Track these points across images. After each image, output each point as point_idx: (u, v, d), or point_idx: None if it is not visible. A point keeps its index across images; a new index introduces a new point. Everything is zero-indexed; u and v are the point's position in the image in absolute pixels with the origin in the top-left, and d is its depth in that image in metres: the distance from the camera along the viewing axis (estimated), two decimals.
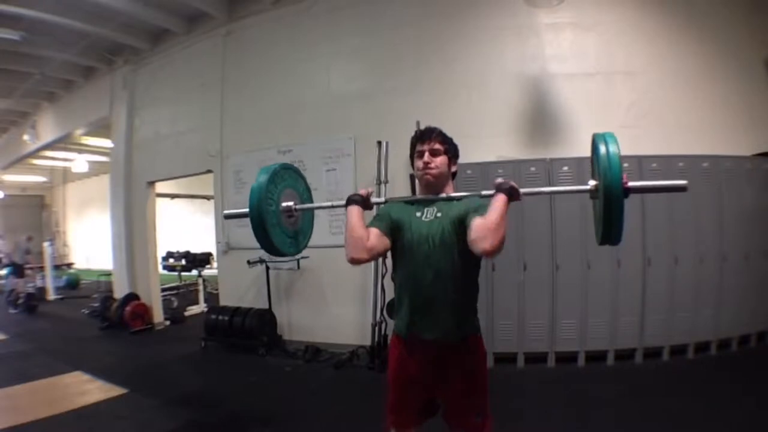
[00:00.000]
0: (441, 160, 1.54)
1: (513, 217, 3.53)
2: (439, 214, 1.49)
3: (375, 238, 1.45)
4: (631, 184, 1.24)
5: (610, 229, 1.26)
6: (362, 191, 1.54)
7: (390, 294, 1.58)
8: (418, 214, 1.52)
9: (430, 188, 1.56)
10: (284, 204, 1.65)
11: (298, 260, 4.41)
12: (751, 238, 3.59)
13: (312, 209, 1.88)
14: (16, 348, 4.87)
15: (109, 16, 4.99)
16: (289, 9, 4.67)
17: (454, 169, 1.62)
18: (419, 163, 1.54)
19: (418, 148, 1.56)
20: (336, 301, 4.28)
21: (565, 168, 3.51)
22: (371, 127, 4.21)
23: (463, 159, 4.04)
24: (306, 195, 1.87)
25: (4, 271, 10.12)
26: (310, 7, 4.56)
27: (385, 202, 1.69)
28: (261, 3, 4.78)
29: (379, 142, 4.03)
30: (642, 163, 3.47)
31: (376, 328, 3.79)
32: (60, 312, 7.16)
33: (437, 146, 1.54)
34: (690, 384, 3.05)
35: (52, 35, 5.23)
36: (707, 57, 3.92)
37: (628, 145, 3.86)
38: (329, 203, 1.78)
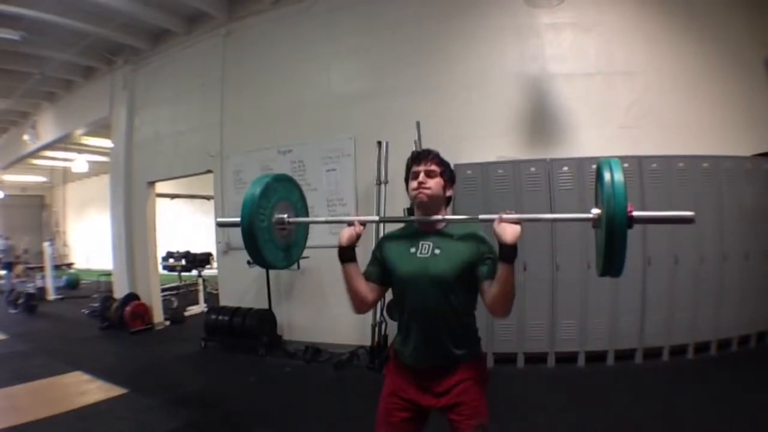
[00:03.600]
0: (436, 182, 1.46)
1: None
2: (437, 251, 1.43)
3: (373, 293, 1.51)
4: (635, 213, 1.20)
5: (611, 261, 1.22)
6: (348, 235, 1.46)
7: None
8: (413, 250, 1.46)
9: (422, 210, 1.47)
10: (277, 216, 1.59)
11: (298, 260, 4.41)
12: (751, 238, 3.59)
13: (306, 223, 1.82)
14: (16, 348, 4.87)
15: (109, 16, 4.99)
16: (289, 9, 4.67)
17: (449, 193, 1.52)
18: (414, 183, 1.46)
19: (414, 168, 1.49)
20: (336, 302, 4.27)
21: (565, 168, 3.51)
22: (371, 127, 4.21)
23: (463, 159, 4.06)
24: (300, 205, 1.78)
25: (3, 271, 10.15)
26: (310, 7, 4.56)
27: (380, 223, 1.67)
28: (261, 3, 4.78)
29: (379, 143, 4.03)
30: (642, 164, 3.47)
31: (376, 329, 3.79)
32: (60, 312, 7.15)
33: (433, 167, 1.47)
34: (690, 384, 3.05)
35: (52, 35, 5.23)
36: (707, 57, 3.92)
37: (628, 145, 3.89)
38: (323, 219, 1.80)
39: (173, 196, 7.78)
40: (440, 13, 4.12)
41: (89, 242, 13.48)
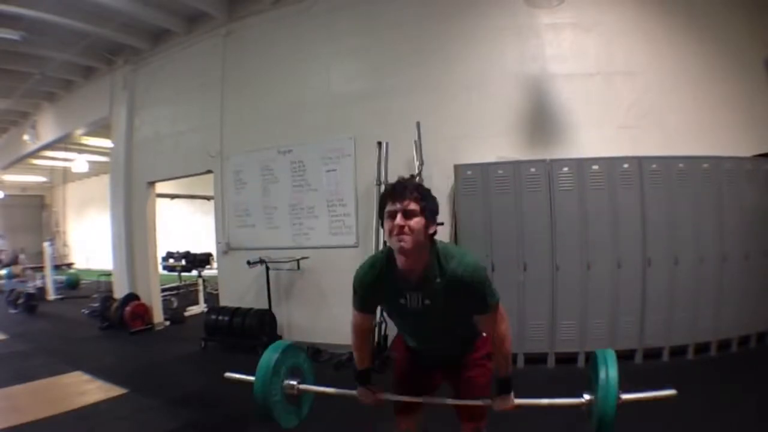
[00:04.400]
0: (416, 223, 1.28)
1: (513, 216, 3.55)
2: (427, 302, 1.37)
3: (367, 322, 1.63)
4: (624, 397, 1.39)
5: None
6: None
7: None
8: (402, 301, 1.39)
9: (405, 256, 1.32)
10: (286, 382, 1.70)
11: (298, 261, 4.42)
12: (751, 238, 3.58)
13: (317, 392, 1.85)
14: (16, 348, 4.87)
15: (109, 16, 4.99)
16: (289, 9, 4.67)
17: (432, 230, 1.34)
18: (391, 227, 1.29)
19: (389, 207, 1.31)
20: (336, 302, 4.27)
21: (565, 169, 3.51)
22: (371, 127, 4.21)
23: (463, 159, 4.07)
24: (306, 366, 1.86)
25: (3, 271, 10.14)
26: (310, 7, 4.56)
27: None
28: (261, 3, 4.78)
29: (380, 143, 4.03)
30: (642, 164, 3.47)
31: (376, 329, 3.79)
32: (60, 312, 7.15)
33: (412, 206, 1.28)
34: (690, 384, 3.03)
35: (52, 35, 5.22)
36: (707, 57, 3.92)
37: (628, 145, 3.89)
38: (333, 390, 1.79)
39: (173, 197, 7.77)
40: (440, 13, 4.12)
41: (89, 242, 13.48)
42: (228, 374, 1.84)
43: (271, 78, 4.78)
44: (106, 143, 7.87)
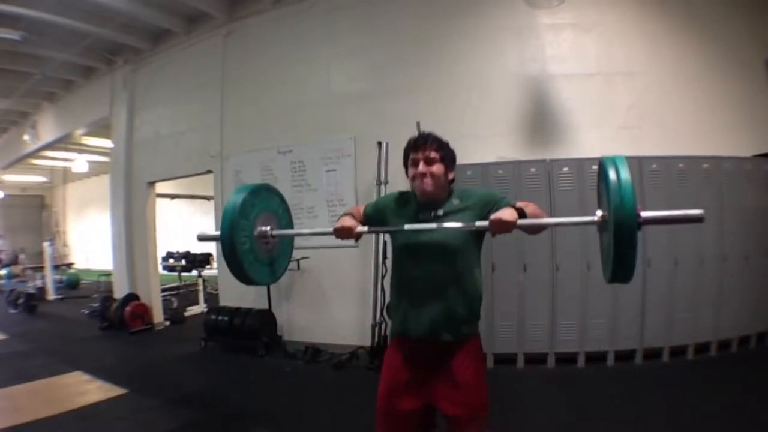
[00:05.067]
0: (437, 169, 1.46)
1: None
2: (440, 212, 1.46)
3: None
4: (645, 214, 1.10)
5: (622, 266, 1.13)
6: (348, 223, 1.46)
7: (388, 296, 1.55)
8: (411, 218, 1.47)
9: (426, 199, 1.48)
10: (259, 229, 1.51)
11: (298, 261, 4.41)
12: (751, 238, 3.58)
13: (291, 236, 1.71)
14: (16, 348, 4.87)
15: (109, 16, 4.99)
16: (290, 9, 4.67)
17: (451, 176, 1.52)
18: (414, 173, 1.46)
19: (412, 156, 1.48)
20: (336, 302, 4.28)
21: (566, 169, 3.51)
22: (371, 127, 4.21)
23: (462, 159, 4.04)
24: (284, 216, 1.68)
25: (4, 271, 10.15)
26: (310, 7, 4.56)
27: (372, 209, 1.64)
28: (261, 3, 4.78)
29: (379, 143, 4.03)
30: (642, 164, 3.47)
31: (376, 329, 3.79)
32: (60, 312, 7.15)
33: (433, 154, 1.46)
34: (690, 385, 3.04)
35: (52, 35, 5.23)
36: (707, 57, 3.92)
37: (628, 145, 3.89)
38: (308, 231, 1.65)
39: (173, 197, 7.77)
40: (440, 14, 4.12)
41: (89, 242, 13.48)
42: (200, 233, 1.64)
43: (271, 78, 4.78)
44: (106, 143, 7.88)
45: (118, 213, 6.08)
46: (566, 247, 3.48)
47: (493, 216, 1.28)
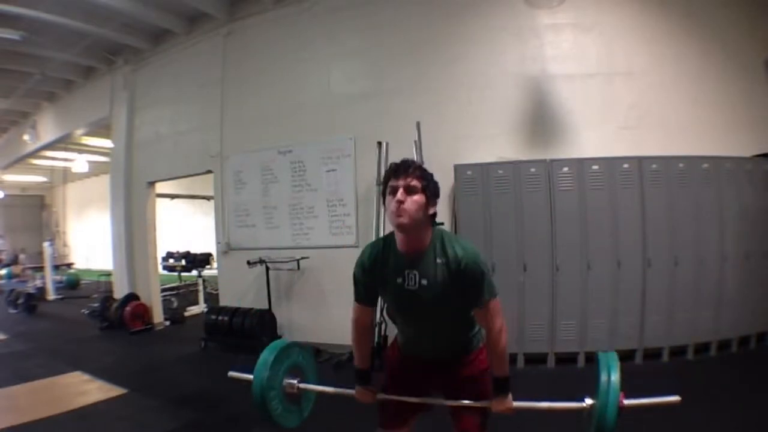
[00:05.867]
0: (417, 200, 1.28)
1: (513, 216, 3.55)
2: (424, 282, 1.34)
3: (371, 315, 1.59)
4: (626, 402, 1.35)
5: None
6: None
7: None
8: (400, 280, 1.37)
9: (404, 232, 1.33)
10: (287, 381, 1.67)
11: (298, 260, 4.42)
12: (751, 238, 3.58)
13: (317, 390, 1.81)
14: (16, 348, 4.88)
15: (109, 16, 4.99)
16: (290, 9, 4.67)
17: (432, 210, 1.34)
18: (391, 203, 1.29)
19: (391, 183, 1.32)
20: (336, 302, 4.28)
21: (565, 169, 3.51)
22: (371, 127, 4.21)
23: (462, 159, 4.06)
24: (309, 366, 1.84)
25: (3, 271, 10.15)
26: (310, 8, 4.56)
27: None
28: (261, 3, 4.78)
29: (380, 143, 4.03)
30: (642, 164, 3.47)
31: (376, 329, 3.79)
32: (60, 312, 7.15)
33: (414, 182, 1.29)
34: (690, 385, 3.04)
35: (52, 35, 5.22)
36: (707, 57, 3.92)
37: (628, 145, 3.89)
38: (332, 389, 1.74)
39: (173, 197, 7.76)
40: (440, 14, 4.12)
41: (89, 242, 13.48)
42: (232, 373, 1.81)
43: (272, 78, 4.78)
44: (106, 143, 7.88)
45: (118, 213, 6.08)
46: (566, 247, 3.48)
47: (500, 408, 1.48)
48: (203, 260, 7.09)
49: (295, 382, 1.66)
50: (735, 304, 3.53)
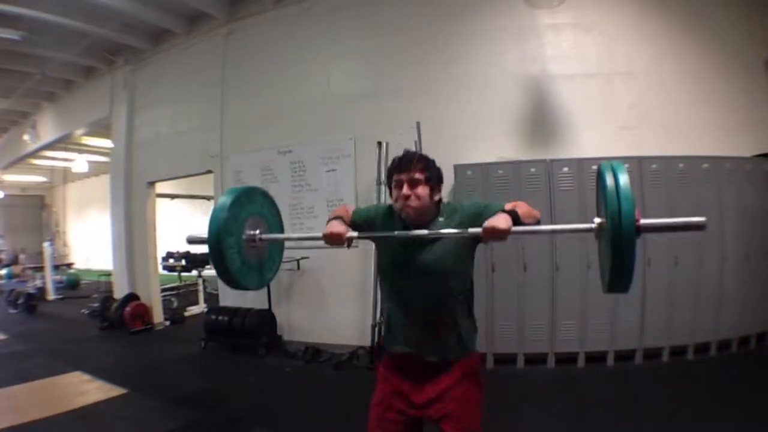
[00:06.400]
0: (422, 191, 1.35)
1: None
2: (426, 232, 1.35)
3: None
4: (644, 222, 1.08)
5: (620, 275, 1.09)
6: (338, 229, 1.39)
7: None
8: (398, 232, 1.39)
9: (412, 221, 1.39)
10: (248, 232, 1.46)
11: (298, 260, 4.42)
12: (751, 238, 3.58)
13: (280, 240, 1.64)
14: (16, 348, 4.88)
15: (109, 16, 4.99)
16: (290, 9, 4.67)
17: (437, 197, 1.41)
18: (397, 195, 1.36)
19: (396, 177, 1.37)
20: (336, 302, 4.28)
21: (565, 169, 3.51)
22: (371, 127, 4.21)
23: (462, 159, 4.06)
24: (274, 221, 1.63)
25: (3, 271, 10.14)
26: (310, 8, 4.56)
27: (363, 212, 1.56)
28: (261, 3, 4.78)
29: (380, 143, 4.03)
30: (642, 164, 3.47)
31: (376, 329, 3.79)
32: (60, 312, 7.15)
33: (417, 175, 1.34)
34: (690, 385, 3.05)
35: (52, 35, 5.22)
36: (707, 57, 3.92)
37: (628, 145, 3.89)
38: (296, 236, 1.61)
39: (173, 197, 7.76)
40: (440, 14, 4.12)
41: (89, 242, 13.48)
42: (189, 235, 1.54)
43: (272, 78, 4.78)
44: (106, 143, 7.88)
45: (118, 213, 6.08)
46: (566, 247, 3.48)
47: (487, 223, 1.21)
48: (203, 260, 7.08)
49: (257, 233, 1.49)
50: (735, 304, 3.52)
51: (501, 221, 1.21)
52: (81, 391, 3.44)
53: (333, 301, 4.29)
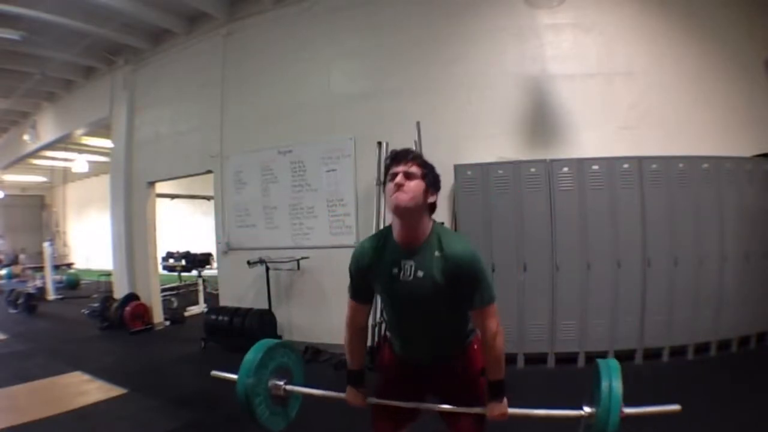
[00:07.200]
0: (416, 185, 1.29)
1: (512, 216, 3.55)
2: (420, 273, 1.31)
3: (366, 313, 1.53)
4: (626, 411, 1.26)
5: None
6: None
7: None
8: (395, 270, 1.35)
9: (401, 217, 1.31)
10: (272, 383, 1.62)
11: (298, 261, 4.42)
12: (751, 238, 3.58)
13: (304, 393, 1.77)
14: (16, 348, 4.88)
15: (109, 16, 4.99)
16: (290, 9, 4.67)
17: (432, 199, 1.34)
18: (390, 187, 1.31)
19: (392, 169, 1.33)
20: (336, 302, 4.27)
21: (565, 169, 3.51)
22: (371, 127, 4.21)
23: (462, 159, 4.06)
24: (296, 366, 1.81)
25: (3, 271, 10.14)
26: (310, 8, 4.56)
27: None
28: (261, 3, 4.78)
29: (380, 143, 4.03)
30: (642, 164, 3.47)
31: (376, 329, 3.79)
32: (60, 312, 7.15)
33: (414, 169, 1.30)
34: (690, 385, 3.04)
35: (52, 35, 5.22)
36: (707, 57, 3.92)
37: (628, 145, 3.89)
38: (320, 392, 1.70)
39: (173, 197, 7.76)
40: (440, 14, 4.12)
41: (89, 242, 13.48)
42: (215, 372, 1.77)
43: (272, 78, 4.78)
44: (106, 143, 7.88)
45: (118, 213, 6.08)
46: (566, 247, 3.49)
47: (496, 412, 1.34)
48: (203, 260, 7.09)
49: (282, 383, 1.62)
50: (735, 304, 3.53)
51: (505, 407, 1.34)
52: (81, 391, 3.44)
53: (333, 301, 4.29)
